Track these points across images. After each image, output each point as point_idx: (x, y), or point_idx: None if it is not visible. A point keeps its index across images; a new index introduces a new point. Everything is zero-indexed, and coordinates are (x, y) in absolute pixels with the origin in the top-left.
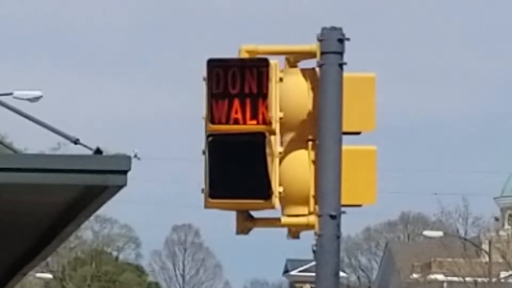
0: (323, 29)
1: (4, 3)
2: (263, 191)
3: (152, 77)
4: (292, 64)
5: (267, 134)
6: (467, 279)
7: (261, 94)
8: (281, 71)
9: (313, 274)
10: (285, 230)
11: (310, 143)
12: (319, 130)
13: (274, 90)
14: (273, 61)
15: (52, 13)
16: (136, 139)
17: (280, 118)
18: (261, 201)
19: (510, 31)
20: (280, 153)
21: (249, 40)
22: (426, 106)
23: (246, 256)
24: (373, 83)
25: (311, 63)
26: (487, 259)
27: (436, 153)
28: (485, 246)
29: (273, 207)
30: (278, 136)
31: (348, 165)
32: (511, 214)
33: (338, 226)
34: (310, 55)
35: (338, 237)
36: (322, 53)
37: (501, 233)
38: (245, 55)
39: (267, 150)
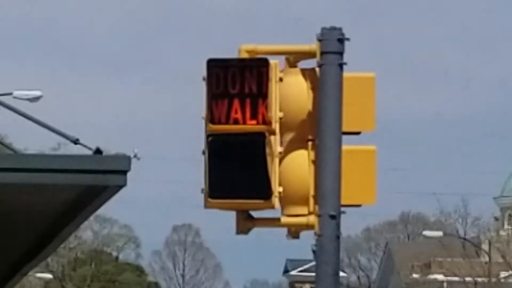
0: (323, 29)
1: (4, 3)
2: (263, 191)
3: (152, 77)
4: (292, 64)
5: (267, 134)
6: (467, 279)
7: (261, 94)
8: (281, 71)
9: (313, 274)
10: (285, 230)
11: (310, 143)
12: (319, 130)
13: (274, 90)
14: (273, 61)
15: (52, 13)
16: (136, 139)
17: (280, 118)
18: (261, 201)
19: (509, 31)
20: (280, 153)
21: (249, 40)
22: (426, 106)
23: (246, 256)
24: (373, 83)
25: (311, 63)
26: (487, 259)
27: (436, 153)
28: (485, 246)
29: (272, 207)
30: (278, 136)
31: (348, 165)
32: (510, 214)
33: (338, 226)
34: (310, 55)
35: (338, 237)
36: (322, 53)
37: (501, 233)
38: (245, 55)
39: (267, 150)
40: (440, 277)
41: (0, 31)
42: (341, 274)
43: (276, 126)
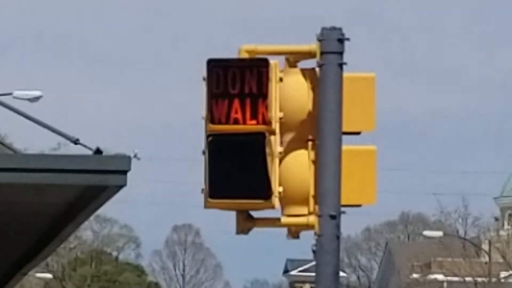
0: (323, 29)
1: (4, 3)
2: (263, 191)
3: (152, 77)
4: (292, 64)
5: (267, 134)
6: (467, 279)
7: (261, 94)
8: (281, 71)
9: (313, 274)
10: (285, 230)
11: (310, 143)
12: (319, 130)
13: (274, 90)
14: (273, 61)
15: (52, 13)
16: (136, 139)
17: (280, 118)
18: (261, 201)
19: (510, 31)
20: (280, 153)
21: (249, 40)
22: (426, 106)
23: (246, 256)
24: (373, 83)
25: (311, 63)
26: (487, 259)
27: (436, 153)
28: (485, 246)
29: (273, 207)
30: (278, 136)
31: (348, 165)
32: (511, 214)
33: (338, 226)
34: (310, 55)
35: (338, 237)
36: (322, 53)
37: (501, 233)
38: (245, 55)
39: (267, 150)
40: (440, 277)
41: (0, 31)
42: (341, 274)
43: (276, 126)
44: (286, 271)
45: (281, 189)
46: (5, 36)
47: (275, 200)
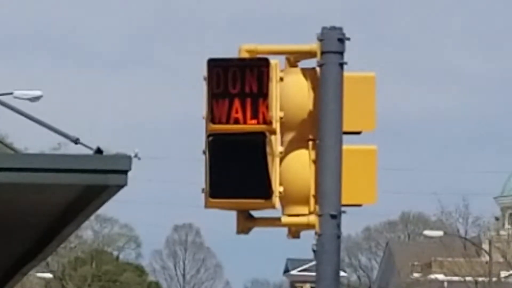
0: (323, 28)
1: (4, 3)
2: (264, 191)
3: (152, 77)
4: (292, 64)
5: (267, 133)
6: (468, 278)
7: (262, 93)
8: (282, 70)
9: (314, 273)
10: (285, 230)
11: (310, 142)
12: (320, 129)
13: (275, 89)
14: (273, 60)
15: (52, 13)
16: (136, 139)
17: (281, 118)
18: (261, 200)
19: (510, 31)
20: (280, 152)
21: (249, 40)
22: (426, 106)
23: (246, 256)
24: (373, 82)
25: (311, 63)
26: (487, 258)
27: (436, 153)
28: (486, 246)
29: (273, 206)
30: (278, 136)
31: (348, 165)
32: (511, 214)
33: (339, 225)
34: (310, 54)
35: (339, 236)
36: (322, 53)
37: (501, 232)
38: (245, 55)
39: (268, 150)
40: (440, 276)
41: (0, 31)
42: (342, 273)
43: (276, 125)
44: (286, 271)
45: (281, 188)
46: (5, 36)
47: (276, 200)
